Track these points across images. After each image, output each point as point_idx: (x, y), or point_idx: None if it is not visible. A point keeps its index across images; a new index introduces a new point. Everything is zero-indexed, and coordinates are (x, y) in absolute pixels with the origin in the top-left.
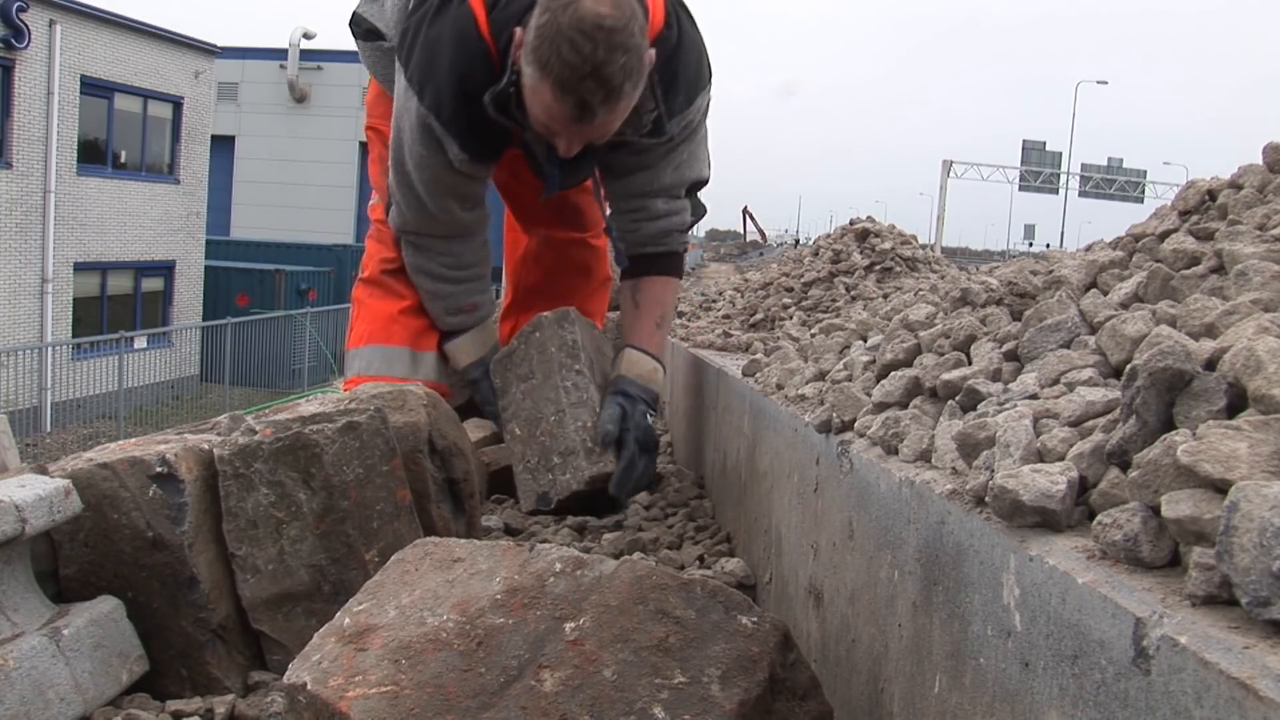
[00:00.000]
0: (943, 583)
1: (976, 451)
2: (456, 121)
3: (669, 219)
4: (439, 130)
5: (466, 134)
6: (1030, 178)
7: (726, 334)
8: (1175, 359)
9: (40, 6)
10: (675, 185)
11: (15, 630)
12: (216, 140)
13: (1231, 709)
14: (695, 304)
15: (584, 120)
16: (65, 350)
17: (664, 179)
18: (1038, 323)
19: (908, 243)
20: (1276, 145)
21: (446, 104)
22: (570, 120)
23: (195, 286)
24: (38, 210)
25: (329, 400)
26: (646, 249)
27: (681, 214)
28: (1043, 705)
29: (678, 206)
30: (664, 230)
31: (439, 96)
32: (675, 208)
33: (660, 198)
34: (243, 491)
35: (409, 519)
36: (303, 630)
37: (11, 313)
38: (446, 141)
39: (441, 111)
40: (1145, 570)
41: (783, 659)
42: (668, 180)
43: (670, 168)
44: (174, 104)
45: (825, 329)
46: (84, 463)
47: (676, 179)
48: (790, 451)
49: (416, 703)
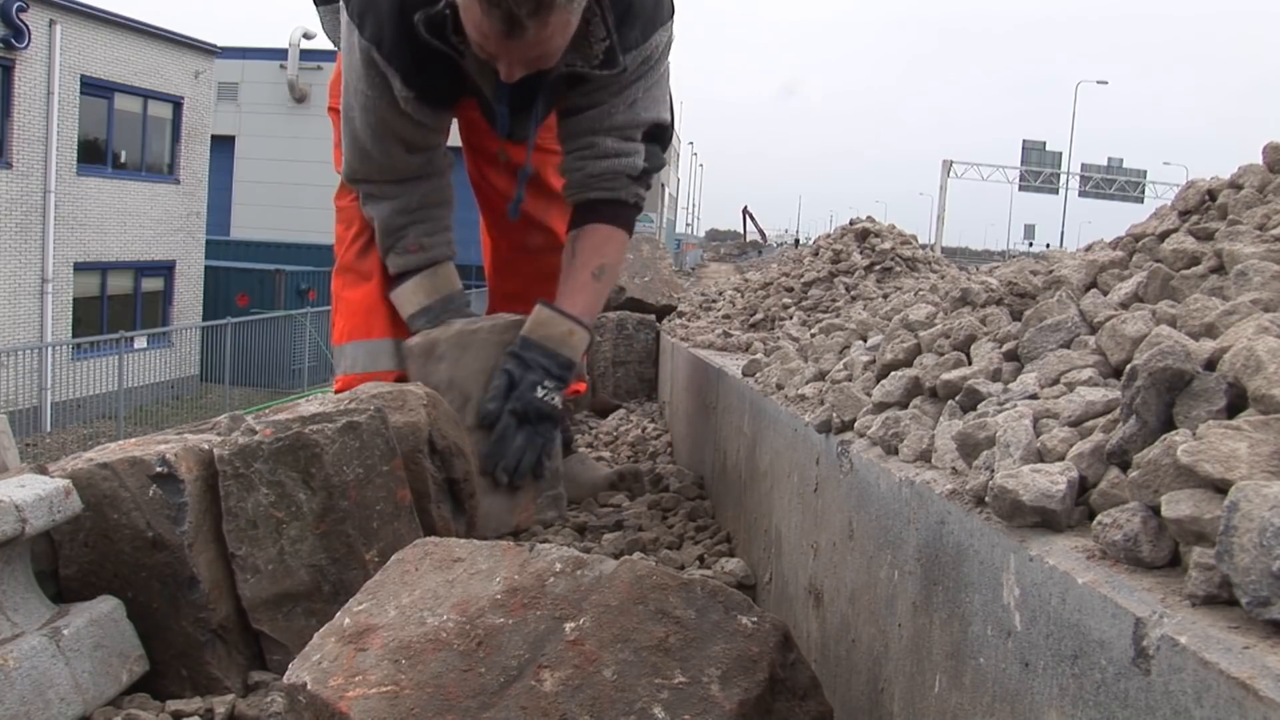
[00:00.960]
0: (943, 583)
1: (976, 451)
2: (398, 53)
3: (618, 159)
4: (381, 63)
5: (410, 68)
6: (1030, 178)
7: (726, 334)
8: (1175, 359)
9: (40, 6)
10: (628, 125)
11: (15, 630)
12: (216, 140)
13: (1231, 709)
14: (695, 304)
15: (513, 34)
16: (65, 350)
17: (616, 117)
18: (1038, 323)
19: (908, 243)
20: (1276, 145)
21: (388, 35)
22: (501, 36)
23: (195, 286)
24: (38, 210)
25: (329, 400)
26: (591, 192)
27: (633, 157)
28: (1043, 705)
29: (630, 149)
30: (611, 171)
31: (380, 27)
32: (627, 149)
33: (610, 136)
34: (243, 491)
35: (409, 519)
36: (303, 630)
37: (11, 313)
38: (390, 76)
39: (383, 43)
40: (1145, 570)
41: (783, 659)
42: (620, 119)
43: (624, 105)
44: (174, 104)
45: (825, 329)
46: (84, 463)
47: (630, 118)
48: (790, 451)
49: (416, 703)
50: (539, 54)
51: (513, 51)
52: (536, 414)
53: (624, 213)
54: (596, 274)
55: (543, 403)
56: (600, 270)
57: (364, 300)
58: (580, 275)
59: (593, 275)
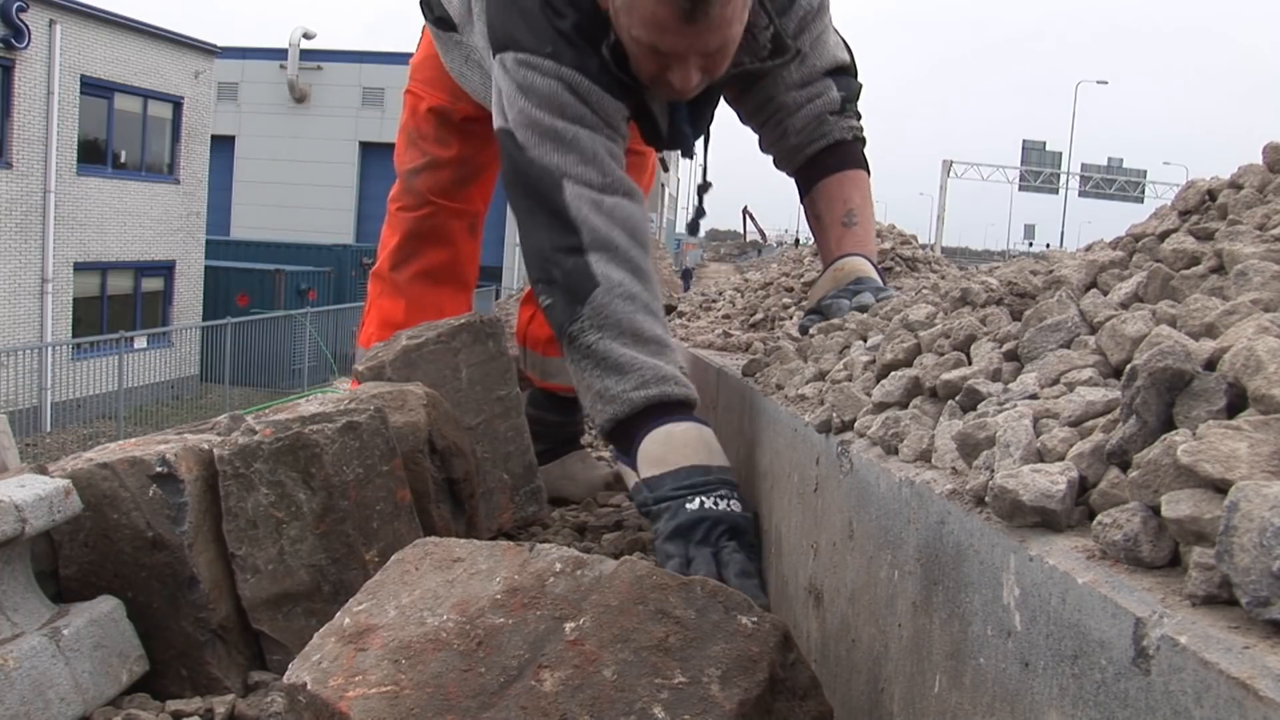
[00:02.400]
0: (943, 583)
1: (976, 451)
2: (602, 79)
3: (810, 104)
4: (588, 89)
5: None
6: (1030, 178)
7: (726, 334)
8: (1175, 359)
9: (40, 6)
10: (806, 78)
11: (15, 630)
12: (216, 140)
13: (1231, 709)
14: (695, 304)
15: (696, 17)
16: (65, 350)
17: (791, 76)
18: (1038, 323)
19: (908, 243)
20: (1276, 145)
21: (590, 63)
22: (681, 21)
23: (195, 286)
24: (38, 210)
25: (329, 400)
26: (807, 150)
27: (825, 95)
28: (1043, 705)
29: (818, 89)
30: (809, 117)
31: (578, 55)
32: (815, 91)
33: (791, 92)
34: (243, 491)
35: (409, 519)
36: (303, 630)
37: (11, 313)
38: (604, 101)
39: (588, 69)
40: (1145, 570)
41: (783, 659)
42: (795, 76)
43: (795, 64)
44: (174, 104)
45: (825, 329)
46: (84, 463)
47: (805, 73)
48: (790, 451)
49: (416, 703)
50: (719, 43)
51: (695, 41)
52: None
53: (844, 152)
54: (845, 222)
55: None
56: (848, 216)
57: (393, 315)
58: (832, 232)
59: (843, 225)
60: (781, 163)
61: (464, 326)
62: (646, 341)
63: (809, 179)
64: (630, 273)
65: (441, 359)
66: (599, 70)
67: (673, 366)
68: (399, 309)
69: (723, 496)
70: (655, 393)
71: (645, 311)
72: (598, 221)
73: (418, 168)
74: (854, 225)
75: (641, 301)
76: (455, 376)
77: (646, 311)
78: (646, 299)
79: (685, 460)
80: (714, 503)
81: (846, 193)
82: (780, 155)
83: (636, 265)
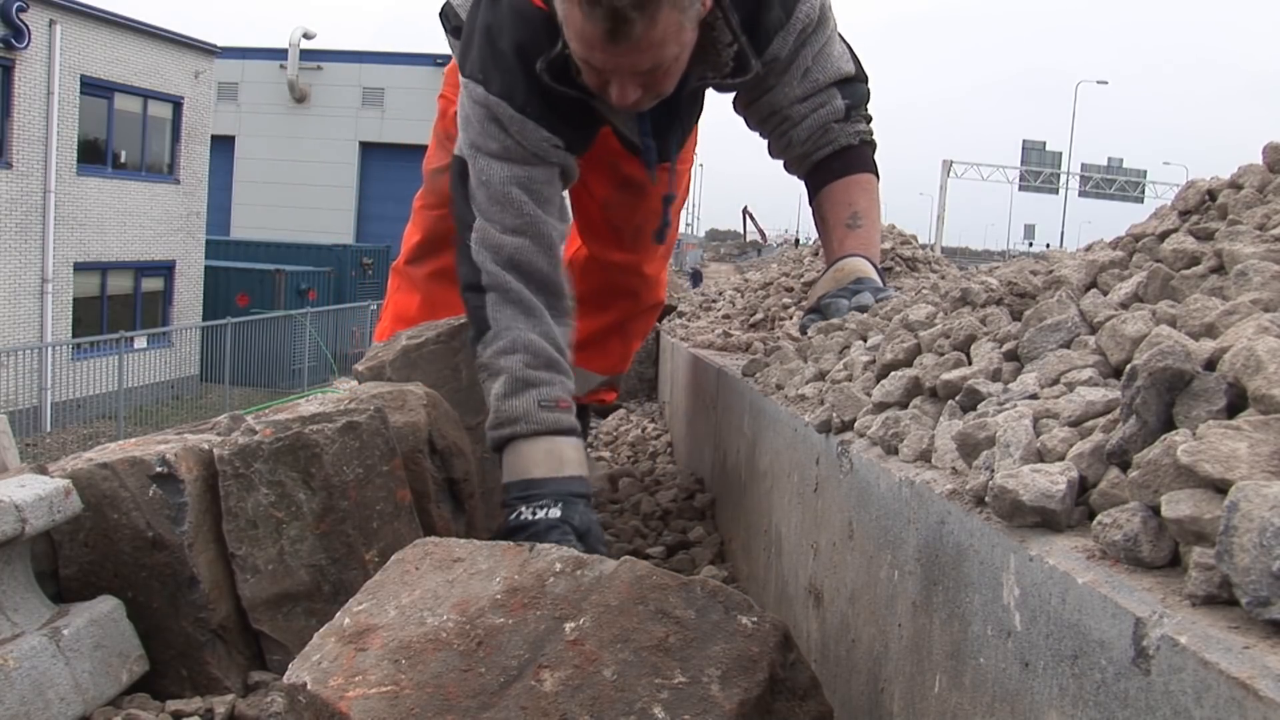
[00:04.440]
0: (943, 583)
1: (976, 451)
2: (532, 104)
3: (815, 114)
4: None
5: (550, 118)
6: (1030, 178)
7: (726, 334)
8: (1175, 359)
9: (40, 6)
10: (810, 91)
11: (15, 630)
12: (216, 140)
13: (1231, 709)
14: (695, 304)
15: (619, 35)
16: (65, 350)
17: (794, 90)
18: (1038, 323)
19: (907, 242)
20: (1276, 145)
21: (519, 89)
22: (606, 40)
23: (195, 286)
24: (38, 210)
25: (329, 400)
26: (814, 156)
27: (829, 105)
28: (1043, 705)
29: (822, 99)
30: (814, 126)
31: (508, 82)
32: (819, 101)
33: (795, 105)
34: (243, 491)
35: (409, 519)
36: (303, 630)
37: (11, 313)
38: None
39: (514, 96)
40: (1145, 570)
41: (783, 659)
42: (799, 90)
43: (797, 77)
44: (174, 104)
45: (825, 329)
46: (84, 463)
47: (808, 85)
48: (790, 451)
49: (416, 703)
50: (651, 63)
51: (621, 60)
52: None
53: (850, 157)
54: (849, 224)
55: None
56: (853, 219)
57: (407, 310)
58: (836, 234)
59: (846, 226)
60: (790, 168)
61: (464, 326)
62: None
63: (816, 184)
64: (522, 313)
65: (441, 359)
66: (526, 96)
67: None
68: (413, 304)
69: (542, 506)
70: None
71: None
72: (493, 266)
73: (441, 168)
74: (858, 227)
75: (522, 342)
76: (455, 376)
77: (526, 351)
78: (527, 340)
79: (523, 474)
80: (532, 512)
81: (852, 196)
82: (788, 162)
83: (528, 305)
